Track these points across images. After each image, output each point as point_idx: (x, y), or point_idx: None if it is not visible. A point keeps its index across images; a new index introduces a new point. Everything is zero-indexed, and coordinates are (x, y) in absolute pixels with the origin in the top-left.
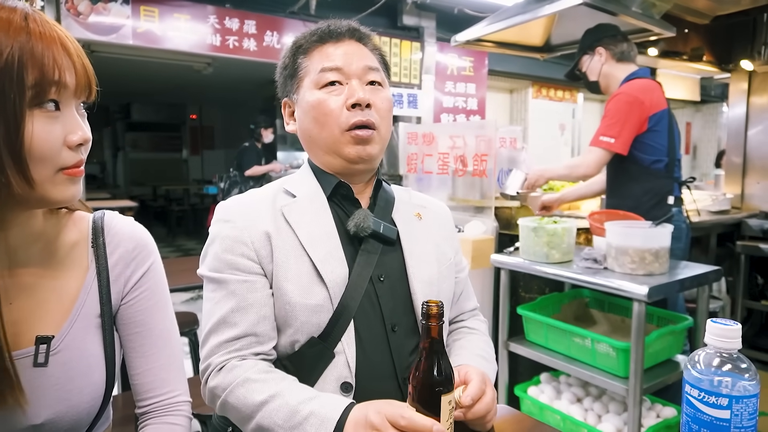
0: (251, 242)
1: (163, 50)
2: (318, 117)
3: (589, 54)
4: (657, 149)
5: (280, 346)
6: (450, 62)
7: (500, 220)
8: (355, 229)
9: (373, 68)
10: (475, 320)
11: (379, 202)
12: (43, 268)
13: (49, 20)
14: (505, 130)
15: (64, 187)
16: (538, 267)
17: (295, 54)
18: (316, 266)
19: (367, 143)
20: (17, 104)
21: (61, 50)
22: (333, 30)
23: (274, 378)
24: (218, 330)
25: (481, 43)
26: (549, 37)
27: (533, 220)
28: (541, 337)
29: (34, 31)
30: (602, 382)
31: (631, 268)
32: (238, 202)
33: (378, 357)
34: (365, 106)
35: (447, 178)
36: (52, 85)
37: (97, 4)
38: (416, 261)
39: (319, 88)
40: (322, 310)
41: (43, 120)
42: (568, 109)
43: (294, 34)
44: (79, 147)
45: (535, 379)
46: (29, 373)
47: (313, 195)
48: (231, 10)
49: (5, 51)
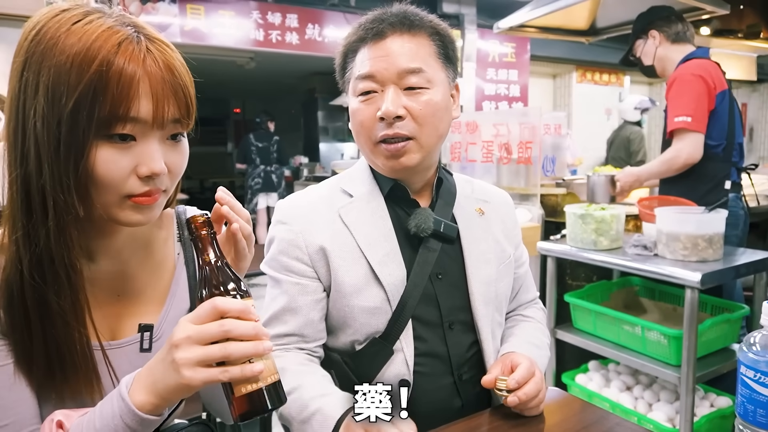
0: (305, 246)
1: (209, 47)
2: (354, 126)
3: (642, 38)
4: (716, 132)
5: (340, 345)
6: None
7: (546, 208)
8: (416, 230)
9: (412, 70)
10: (531, 309)
11: (440, 198)
12: (142, 264)
13: (159, 48)
14: (549, 116)
15: (129, 213)
16: (585, 254)
17: (345, 54)
18: (373, 269)
19: (400, 156)
20: (85, 134)
21: (147, 84)
22: (374, 25)
23: (303, 371)
24: (270, 324)
25: (524, 29)
26: (594, 19)
27: (580, 207)
28: (589, 324)
29: (118, 64)
30: (653, 370)
31: (683, 255)
32: (295, 204)
33: (435, 354)
34: (395, 118)
35: (491, 166)
36: (123, 120)
37: (147, 4)
38: (475, 260)
39: (356, 96)
40: (380, 312)
41: (109, 150)
42: (614, 92)
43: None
44: (149, 178)
45: (583, 367)
46: (136, 358)
47: (371, 195)
48: (273, 4)
49: (85, 78)
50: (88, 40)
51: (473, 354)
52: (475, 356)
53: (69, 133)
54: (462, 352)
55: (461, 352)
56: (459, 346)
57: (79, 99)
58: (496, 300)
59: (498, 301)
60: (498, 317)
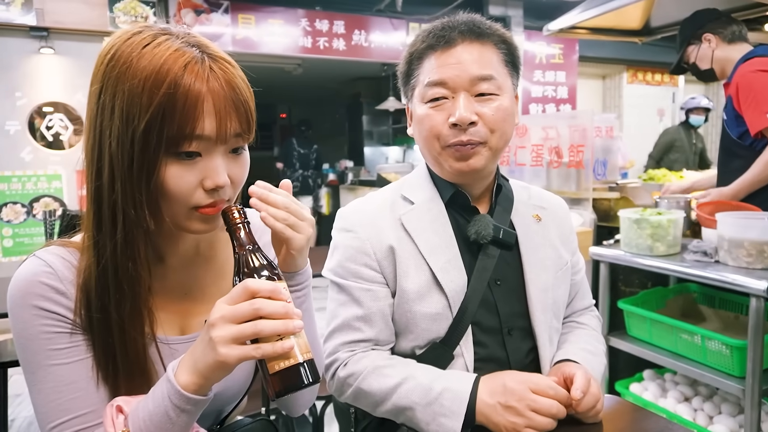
0: (373, 253)
1: (259, 55)
2: (422, 132)
3: (695, 43)
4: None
5: (402, 350)
6: (538, 50)
7: (598, 212)
8: (476, 236)
9: (484, 77)
10: (586, 316)
11: (498, 205)
12: (207, 264)
13: (221, 67)
14: (599, 119)
15: (197, 222)
16: (641, 260)
17: (410, 60)
18: (435, 275)
19: (469, 158)
20: (156, 152)
21: (211, 102)
22: (444, 33)
23: (399, 362)
24: (343, 330)
25: (575, 30)
26: (649, 19)
27: (635, 212)
28: (644, 332)
29: (185, 84)
30: (714, 381)
31: (747, 262)
32: (358, 211)
33: (495, 359)
34: (468, 124)
35: (541, 170)
36: (189, 138)
37: (201, 16)
38: (533, 267)
39: (425, 102)
40: (442, 318)
41: (177, 166)
42: (667, 93)
43: (381, 31)
44: (214, 190)
45: (637, 376)
46: None
47: (431, 202)
48: (320, 12)
49: (155, 100)
50: (157, 63)
51: (531, 360)
52: (533, 362)
53: (141, 152)
54: (521, 357)
55: (520, 358)
56: (518, 351)
57: (150, 119)
58: (554, 306)
59: (556, 308)
60: (555, 323)
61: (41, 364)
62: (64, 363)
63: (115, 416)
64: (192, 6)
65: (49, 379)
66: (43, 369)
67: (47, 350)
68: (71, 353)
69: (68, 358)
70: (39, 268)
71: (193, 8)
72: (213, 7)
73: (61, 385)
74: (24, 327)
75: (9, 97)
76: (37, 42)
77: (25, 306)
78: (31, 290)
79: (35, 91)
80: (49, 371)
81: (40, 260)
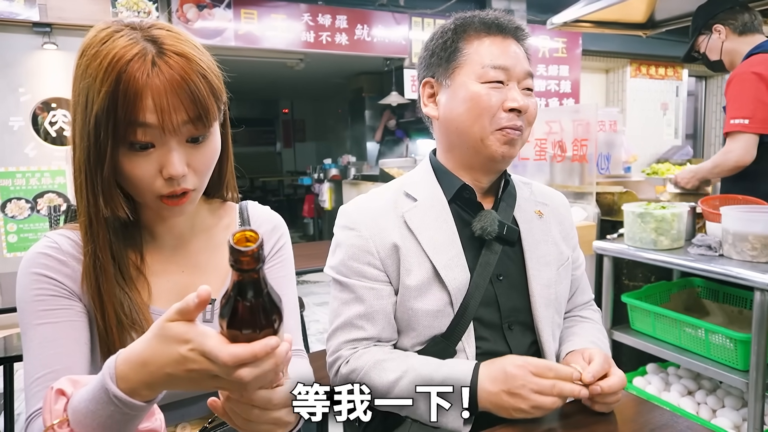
0: (377, 251)
1: (261, 49)
2: (473, 109)
3: (706, 33)
4: None
5: (403, 347)
6: (542, 44)
7: (602, 206)
8: (481, 232)
9: (530, 74)
10: (587, 310)
11: (503, 201)
12: (204, 245)
13: (168, 61)
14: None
15: (166, 211)
16: (645, 254)
17: (457, 37)
18: (438, 273)
19: (514, 144)
20: (105, 141)
21: (150, 96)
22: (501, 23)
23: (399, 355)
24: (346, 329)
25: (578, 24)
26: (653, 12)
27: (639, 206)
28: (648, 326)
29: (125, 78)
30: (717, 375)
31: (751, 255)
32: (361, 208)
33: (497, 353)
34: (521, 112)
35: (544, 164)
36: (134, 126)
37: (203, 11)
38: (536, 263)
39: (482, 82)
40: (443, 314)
41: (132, 156)
42: (671, 87)
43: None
44: (172, 179)
45: (640, 370)
46: None
47: (434, 198)
48: (323, 6)
49: (102, 92)
50: (108, 58)
51: (533, 353)
52: (534, 356)
53: (95, 141)
54: (523, 351)
55: (522, 351)
56: (520, 345)
57: (98, 111)
58: (557, 302)
59: (558, 303)
60: (557, 319)
61: (31, 324)
62: (52, 322)
63: (53, 401)
64: (194, 1)
65: (36, 337)
66: (32, 329)
67: (38, 311)
68: (61, 315)
69: (56, 318)
70: (44, 243)
71: (196, 3)
72: (215, 2)
73: (46, 342)
74: (22, 292)
75: (12, 93)
76: (40, 38)
77: (26, 273)
78: (34, 260)
79: (39, 87)
80: (37, 330)
81: (47, 238)
